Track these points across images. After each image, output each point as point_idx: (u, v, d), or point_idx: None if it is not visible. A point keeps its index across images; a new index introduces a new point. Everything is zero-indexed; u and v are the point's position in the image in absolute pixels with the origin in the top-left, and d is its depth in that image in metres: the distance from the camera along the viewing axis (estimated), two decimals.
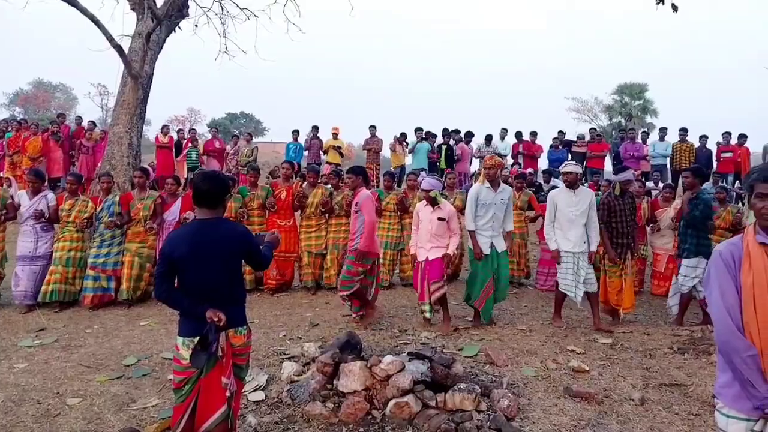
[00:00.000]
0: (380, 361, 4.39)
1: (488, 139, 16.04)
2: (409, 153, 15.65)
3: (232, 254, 3.42)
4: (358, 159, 24.52)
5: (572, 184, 6.97)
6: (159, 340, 6.45)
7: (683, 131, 14.73)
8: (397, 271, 9.43)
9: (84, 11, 9.78)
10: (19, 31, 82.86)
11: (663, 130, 15.46)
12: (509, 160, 15.71)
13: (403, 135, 16.38)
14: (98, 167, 12.28)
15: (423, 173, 7.98)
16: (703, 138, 14.69)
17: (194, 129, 18.54)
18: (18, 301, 7.85)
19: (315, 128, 16.38)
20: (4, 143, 14.75)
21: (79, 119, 16.97)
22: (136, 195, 8.27)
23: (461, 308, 7.80)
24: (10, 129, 15.41)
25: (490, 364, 5.47)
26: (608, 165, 15.86)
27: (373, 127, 16.16)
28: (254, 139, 18.85)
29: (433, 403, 4.24)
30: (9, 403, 4.72)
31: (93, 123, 16.21)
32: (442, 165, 15.19)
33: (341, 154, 16.30)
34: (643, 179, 13.43)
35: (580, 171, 7.52)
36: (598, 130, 18.44)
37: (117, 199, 8.20)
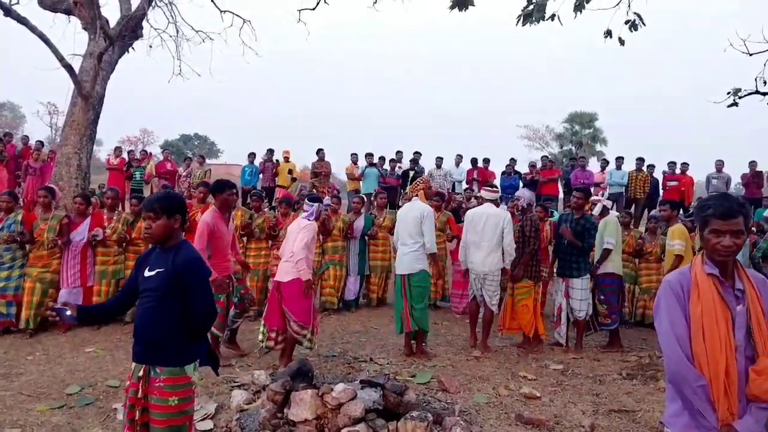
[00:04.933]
0: (332, 390, 4.33)
1: (438, 164, 16.10)
2: (358, 179, 15.56)
3: None
4: None
5: None
6: (105, 368, 6.23)
7: (639, 161, 14.97)
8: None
9: (33, 29, 9.52)
10: None
11: (620, 159, 15.24)
12: (463, 186, 15.87)
13: (354, 155, 16.14)
14: None
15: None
16: (650, 167, 15.07)
17: (145, 150, 18.22)
18: None
19: (270, 151, 16.22)
20: None
21: (26, 138, 16.52)
22: (40, 215, 7.73)
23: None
24: None
25: (443, 391, 5.47)
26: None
27: (321, 151, 15.90)
28: (208, 161, 18.63)
29: None
30: None
31: (41, 143, 15.76)
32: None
33: (294, 179, 16.19)
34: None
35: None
36: (549, 157, 18.72)
37: (19, 218, 7.55)
